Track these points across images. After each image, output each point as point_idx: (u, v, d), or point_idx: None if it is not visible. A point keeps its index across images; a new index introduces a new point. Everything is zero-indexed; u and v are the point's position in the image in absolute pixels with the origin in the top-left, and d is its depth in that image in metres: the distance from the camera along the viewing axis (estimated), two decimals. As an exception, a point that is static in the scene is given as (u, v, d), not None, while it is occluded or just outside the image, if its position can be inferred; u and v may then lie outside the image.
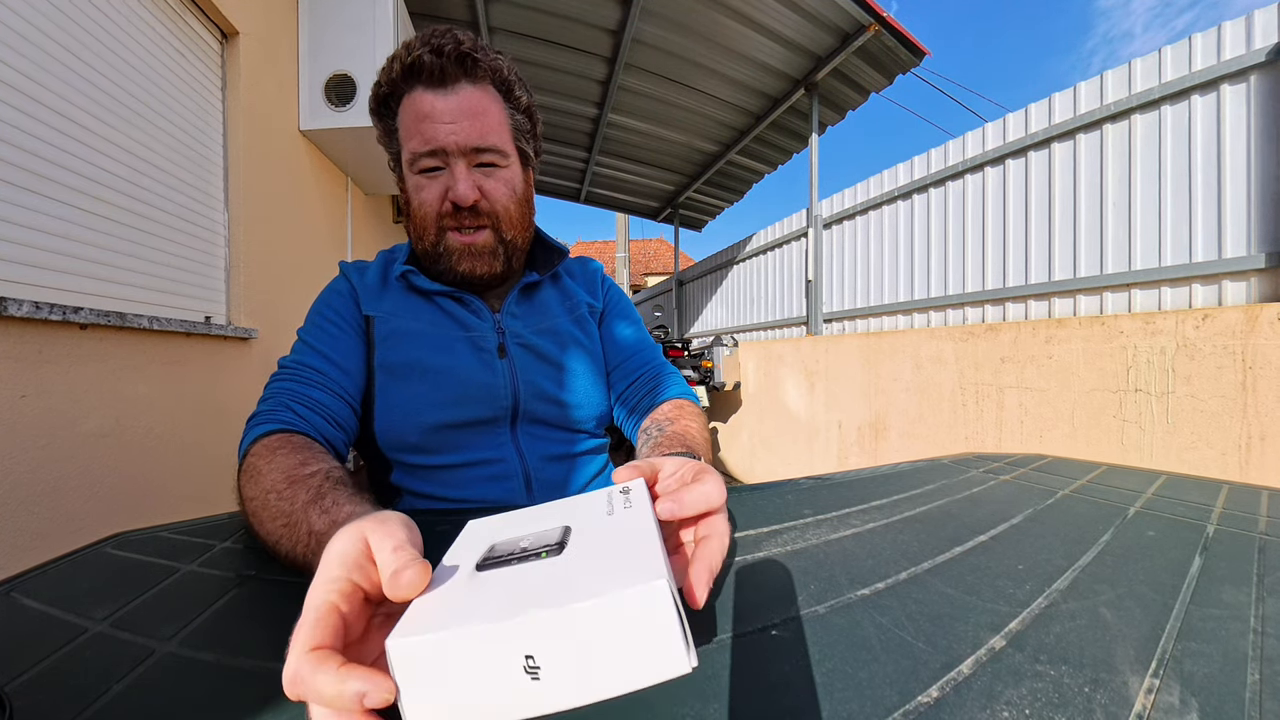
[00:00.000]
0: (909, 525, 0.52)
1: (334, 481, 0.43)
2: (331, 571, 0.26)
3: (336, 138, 2.69)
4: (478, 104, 0.65)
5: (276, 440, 0.51)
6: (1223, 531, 0.51)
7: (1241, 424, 1.74)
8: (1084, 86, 2.40)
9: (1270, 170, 1.82)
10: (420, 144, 0.65)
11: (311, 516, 0.39)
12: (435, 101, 0.64)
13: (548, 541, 0.27)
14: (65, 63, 1.44)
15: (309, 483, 0.43)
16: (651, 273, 18.40)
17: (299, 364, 0.64)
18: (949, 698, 0.27)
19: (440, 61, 0.63)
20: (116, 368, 1.55)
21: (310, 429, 0.57)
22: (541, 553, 0.26)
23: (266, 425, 0.54)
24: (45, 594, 0.39)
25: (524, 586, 0.24)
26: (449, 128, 0.64)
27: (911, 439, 3.03)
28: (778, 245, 4.85)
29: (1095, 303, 2.36)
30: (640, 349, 0.82)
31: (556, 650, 0.21)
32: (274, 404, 0.58)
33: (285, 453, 0.49)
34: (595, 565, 0.24)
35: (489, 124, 0.66)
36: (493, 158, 0.67)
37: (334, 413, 0.62)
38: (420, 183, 0.67)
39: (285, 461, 0.47)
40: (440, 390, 0.67)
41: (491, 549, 0.28)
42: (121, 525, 0.58)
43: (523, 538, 0.28)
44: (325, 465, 0.46)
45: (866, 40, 3.41)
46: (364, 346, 0.69)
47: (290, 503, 0.41)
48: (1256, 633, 0.33)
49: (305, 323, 0.71)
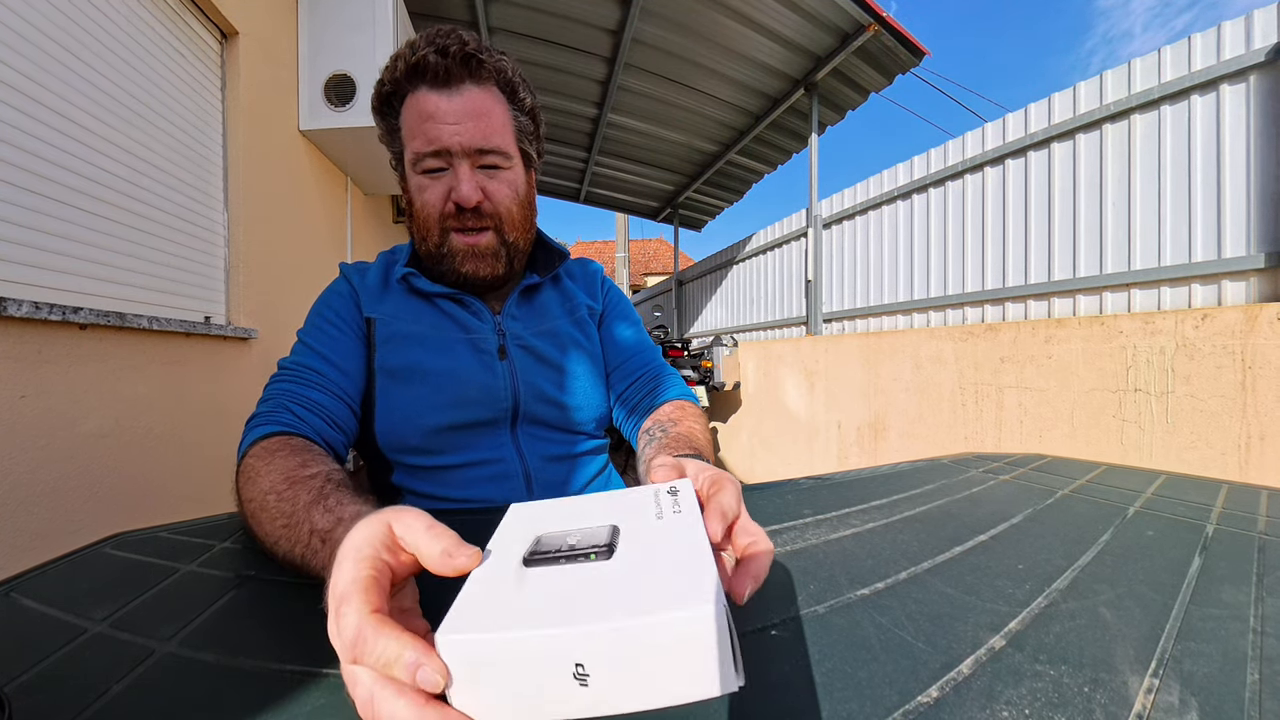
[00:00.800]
0: (909, 525, 0.52)
1: (335, 483, 0.42)
2: (362, 551, 0.26)
3: (336, 138, 2.69)
4: (482, 105, 0.65)
5: (275, 442, 0.51)
6: (1222, 531, 0.51)
7: (1241, 424, 1.74)
8: (1083, 86, 2.40)
9: (1269, 170, 1.82)
10: (424, 144, 0.64)
11: (314, 515, 0.38)
12: (439, 102, 0.64)
13: (596, 542, 0.27)
14: (65, 63, 1.44)
15: (310, 484, 0.42)
16: (651, 273, 18.40)
17: (298, 365, 0.64)
18: (949, 698, 0.27)
19: (445, 62, 0.63)
20: (116, 368, 1.55)
21: (309, 431, 0.57)
22: (590, 554, 0.26)
23: (265, 427, 0.54)
24: (45, 594, 0.39)
25: (575, 592, 0.24)
26: (453, 128, 0.64)
27: (911, 439, 3.03)
28: (777, 245, 4.85)
29: (1095, 302, 2.36)
30: (640, 350, 0.82)
31: (607, 661, 0.21)
32: (273, 405, 0.58)
33: (284, 455, 0.48)
34: (646, 578, 0.24)
35: (493, 125, 0.66)
36: (496, 159, 0.67)
37: (333, 414, 0.62)
38: (423, 183, 0.67)
39: (284, 463, 0.47)
40: (441, 393, 0.67)
41: (538, 542, 0.28)
42: (121, 525, 0.58)
43: (570, 533, 0.28)
44: (325, 467, 0.46)
45: (866, 40, 3.41)
46: (364, 348, 0.69)
47: (291, 503, 0.41)
48: (1256, 632, 0.33)
49: (305, 324, 0.70)
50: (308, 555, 0.38)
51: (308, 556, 0.37)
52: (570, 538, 0.28)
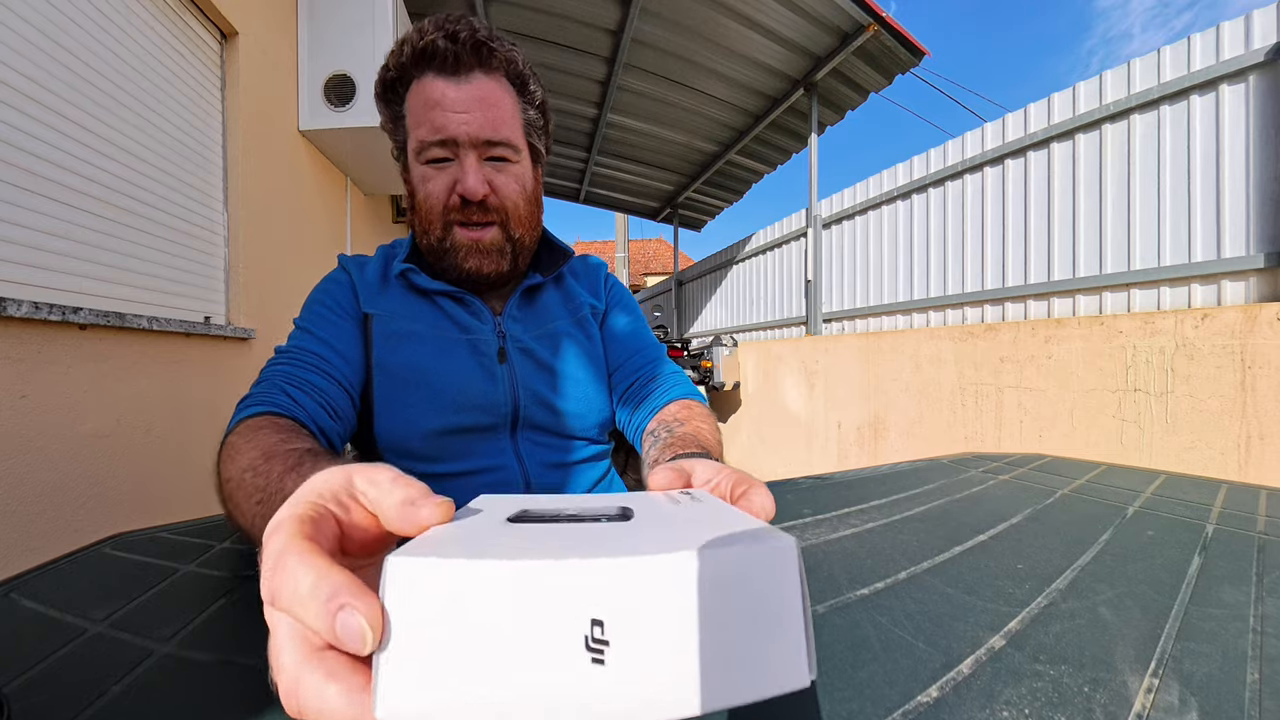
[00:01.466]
0: (908, 525, 0.52)
1: (314, 455, 0.38)
2: (303, 495, 0.21)
3: (336, 138, 2.69)
4: (491, 95, 0.62)
5: (262, 420, 0.47)
6: (1222, 531, 0.51)
7: (1240, 423, 1.74)
8: (1083, 86, 2.40)
9: (1269, 170, 1.82)
10: (429, 132, 0.62)
11: (287, 484, 0.34)
12: (447, 89, 0.61)
13: (605, 510, 0.21)
14: (65, 63, 1.44)
15: (288, 458, 0.37)
16: (651, 273, 18.40)
17: (298, 348, 0.61)
18: (948, 697, 0.27)
19: (455, 48, 0.60)
20: (116, 368, 1.55)
21: (303, 415, 0.53)
22: (600, 518, 0.20)
23: (255, 407, 0.50)
24: (44, 595, 0.39)
25: (589, 538, 0.17)
26: (461, 117, 0.61)
27: (911, 439, 3.03)
28: (777, 245, 4.85)
29: (1094, 302, 2.36)
30: (642, 347, 0.80)
31: (645, 618, 0.14)
32: (267, 386, 0.54)
33: (268, 431, 0.44)
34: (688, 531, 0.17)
35: (502, 116, 0.63)
36: (504, 152, 0.64)
37: (332, 400, 0.58)
38: (427, 173, 0.64)
39: (266, 439, 0.42)
40: (440, 396, 0.66)
41: (524, 512, 0.21)
42: (120, 526, 0.58)
43: (564, 509, 0.21)
44: (309, 445, 0.41)
45: (865, 40, 3.42)
46: (363, 340, 0.67)
47: (265, 477, 0.36)
48: (1256, 632, 0.33)
49: (303, 312, 0.67)
50: None
51: None
52: (567, 510, 0.21)
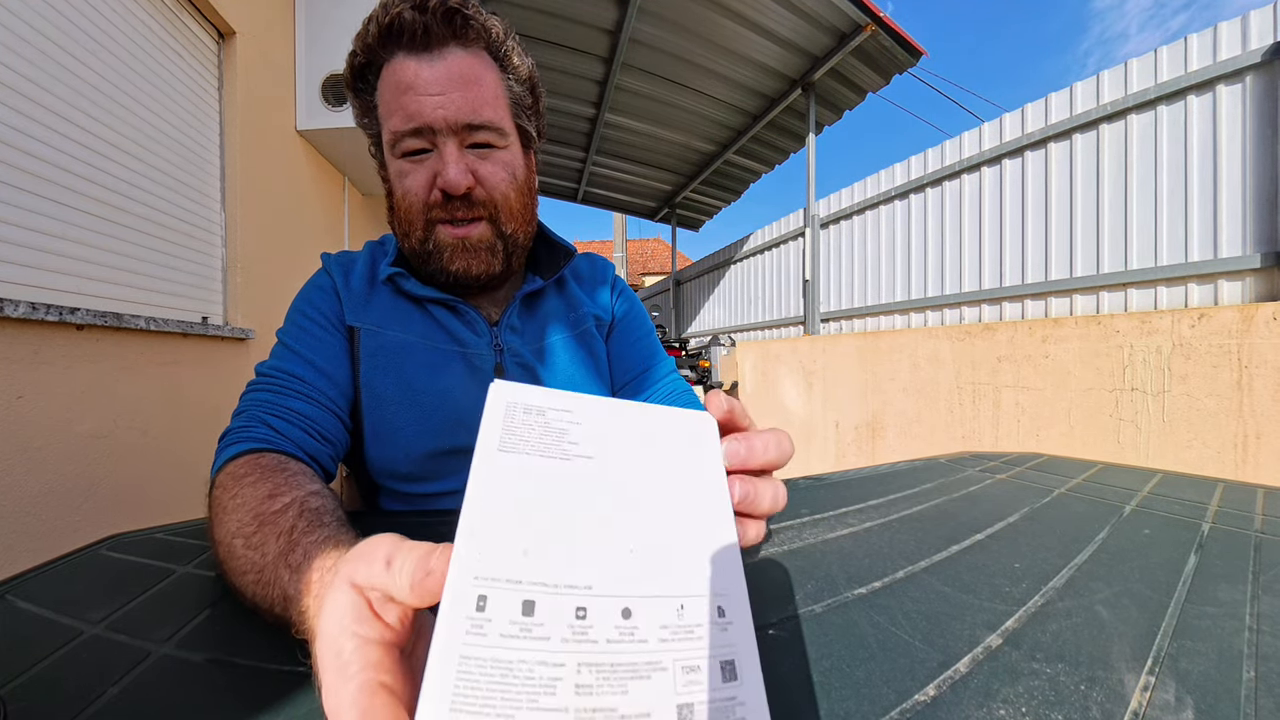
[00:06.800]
0: (906, 524, 0.52)
1: (307, 520, 0.36)
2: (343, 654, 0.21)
3: (333, 138, 2.69)
4: (469, 71, 0.55)
5: (244, 465, 0.44)
6: (1218, 529, 0.51)
7: (1237, 422, 1.74)
8: (1080, 86, 2.40)
9: (1266, 170, 1.83)
10: (402, 121, 0.55)
11: (283, 577, 0.33)
12: (419, 69, 0.54)
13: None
14: (62, 63, 1.43)
15: (279, 523, 0.36)
16: (649, 272, 18.40)
17: (279, 371, 0.56)
18: (946, 696, 0.27)
19: (424, 19, 0.53)
20: (113, 368, 1.54)
21: (289, 445, 0.50)
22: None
23: (235, 447, 0.47)
24: (41, 596, 0.39)
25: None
26: (436, 100, 0.54)
27: (908, 438, 3.04)
28: (775, 245, 4.86)
29: (1091, 302, 2.37)
30: (651, 365, 0.75)
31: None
32: (247, 419, 0.50)
33: (252, 481, 0.41)
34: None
35: (483, 95, 0.56)
36: (488, 136, 0.57)
37: (319, 425, 0.54)
38: (403, 168, 0.58)
39: (252, 494, 0.40)
40: (431, 417, 0.61)
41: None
42: (118, 526, 0.57)
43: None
44: (299, 494, 0.39)
45: (863, 40, 3.42)
46: (350, 355, 0.62)
47: (260, 553, 0.35)
48: (1252, 630, 0.33)
49: (285, 322, 0.62)
50: (287, 616, 0.32)
51: (288, 617, 0.32)
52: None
